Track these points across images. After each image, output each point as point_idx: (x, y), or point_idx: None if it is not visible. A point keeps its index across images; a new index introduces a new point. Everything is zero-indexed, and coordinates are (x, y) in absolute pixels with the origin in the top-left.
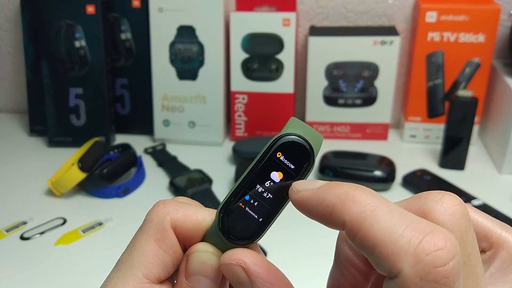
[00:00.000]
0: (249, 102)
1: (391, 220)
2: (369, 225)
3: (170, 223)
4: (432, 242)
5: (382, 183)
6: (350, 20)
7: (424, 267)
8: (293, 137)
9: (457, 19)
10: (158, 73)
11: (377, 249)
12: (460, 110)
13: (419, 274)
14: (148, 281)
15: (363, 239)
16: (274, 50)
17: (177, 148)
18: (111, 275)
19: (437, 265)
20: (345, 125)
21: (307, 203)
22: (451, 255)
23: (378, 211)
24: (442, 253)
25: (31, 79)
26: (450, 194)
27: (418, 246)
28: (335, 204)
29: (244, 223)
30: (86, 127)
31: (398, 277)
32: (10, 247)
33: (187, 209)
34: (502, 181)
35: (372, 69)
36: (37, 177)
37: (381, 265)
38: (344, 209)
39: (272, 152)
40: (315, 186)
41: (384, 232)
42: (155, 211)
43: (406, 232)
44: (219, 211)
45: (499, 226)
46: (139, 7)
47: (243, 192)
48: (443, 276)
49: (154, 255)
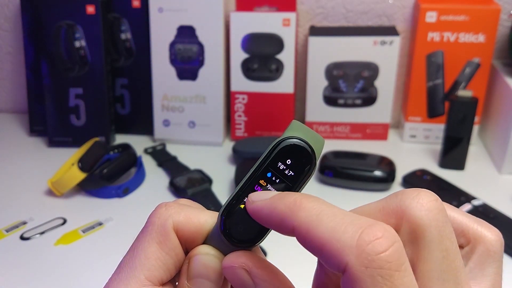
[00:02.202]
0: (249, 102)
1: (334, 221)
2: (315, 227)
3: (172, 225)
4: (371, 233)
5: (382, 183)
6: (350, 20)
7: (367, 256)
8: (294, 140)
9: (457, 19)
10: (158, 73)
11: (324, 249)
12: (460, 110)
13: (364, 263)
14: (150, 283)
15: (311, 242)
16: (274, 50)
17: (177, 148)
18: (113, 277)
19: (378, 252)
20: (345, 125)
21: (260, 212)
22: (390, 241)
23: (322, 214)
24: (381, 241)
25: (31, 79)
26: (426, 191)
27: (359, 239)
28: (285, 212)
29: (246, 226)
30: (86, 127)
31: (346, 270)
32: (10, 247)
33: (189, 212)
34: (502, 181)
35: (372, 69)
36: (37, 177)
37: (330, 263)
38: (292, 216)
39: (274, 155)
40: (268, 197)
41: (328, 232)
42: (157, 213)
43: (348, 229)
44: (221, 214)
45: (475, 221)
46: (139, 7)
47: (245, 195)
48: (386, 261)
49: (156, 257)
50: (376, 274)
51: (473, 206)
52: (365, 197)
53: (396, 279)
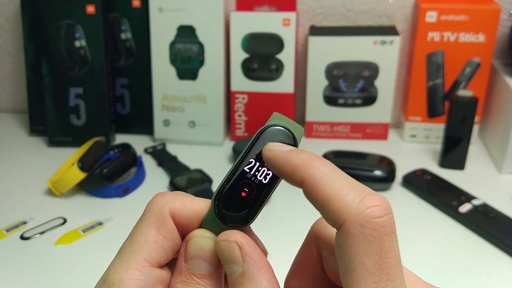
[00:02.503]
0: (249, 102)
1: (341, 183)
2: (323, 184)
3: (169, 211)
4: (372, 200)
5: (382, 182)
6: (350, 20)
7: (365, 217)
8: (277, 127)
9: (457, 19)
10: (158, 73)
11: (327, 203)
12: (460, 110)
13: (361, 223)
14: (149, 264)
15: (317, 195)
16: (274, 50)
17: (177, 148)
18: (114, 261)
19: (375, 216)
20: (345, 125)
21: (276, 160)
22: (386, 210)
23: (331, 175)
24: (379, 208)
25: (31, 79)
26: None
27: (360, 202)
28: (298, 165)
29: (238, 207)
30: (86, 127)
31: (343, 225)
32: (10, 247)
33: (184, 199)
34: (502, 181)
35: (372, 69)
36: (37, 177)
37: (330, 216)
38: (305, 170)
39: (260, 141)
40: (285, 149)
41: (334, 190)
42: (154, 201)
43: (351, 192)
44: (214, 198)
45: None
46: (139, 7)
47: (235, 178)
48: (380, 225)
49: (154, 241)
50: (369, 234)
51: (473, 206)
52: None
53: (385, 242)
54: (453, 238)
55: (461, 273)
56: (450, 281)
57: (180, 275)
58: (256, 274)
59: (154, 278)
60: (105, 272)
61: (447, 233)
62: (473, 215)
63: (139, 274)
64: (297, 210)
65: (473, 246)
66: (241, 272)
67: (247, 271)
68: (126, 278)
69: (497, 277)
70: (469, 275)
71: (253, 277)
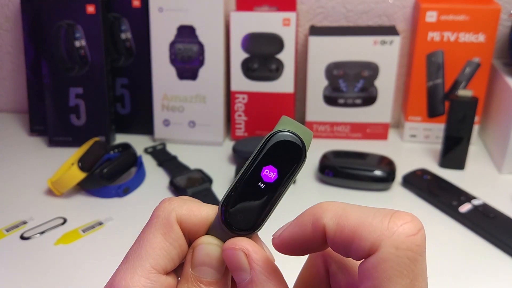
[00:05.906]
0: (249, 102)
1: (361, 211)
2: (344, 219)
3: (176, 218)
4: (400, 217)
5: (382, 182)
6: (350, 20)
7: (398, 237)
8: (286, 133)
9: (457, 19)
10: (158, 73)
11: (356, 234)
12: (460, 110)
13: (395, 244)
14: (155, 271)
15: (343, 231)
16: (274, 50)
17: (177, 147)
18: (120, 267)
19: (409, 234)
20: (345, 125)
21: (290, 238)
22: (418, 226)
23: (348, 209)
24: (411, 224)
25: (31, 79)
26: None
27: (390, 222)
28: (311, 220)
29: (245, 215)
30: (86, 127)
31: (378, 251)
32: (10, 247)
33: (191, 205)
34: (502, 181)
35: (372, 69)
36: (37, 177)
37: (361, 246)
38: (321, 218)
39: (267, 148)
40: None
41: (358, 220)
42: (161, 207)
43: (376, 216)
44: (221, 205)
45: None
46: (139, 7)
47: (242, 185)
48: (415, 244)
49: (161, 247)
50: (403, 256)
51: (473, 206)
52: (365, 196)
53: (418, 263)
54: (453, 238)
55: (461, 273)
56: (450, 281)
57: (186, 282)
58: (265, 281)
59: (161, 285)
60: (111, 279)
61: (447, 233)
62: (473, 215)
63: (146, 281)
64: None
65: (473, 246)
66: (249, 279)
67: (256, 278)
68: (133, 285)
69: (497, 277)
70: (469, 275)
71: (262, 284)
